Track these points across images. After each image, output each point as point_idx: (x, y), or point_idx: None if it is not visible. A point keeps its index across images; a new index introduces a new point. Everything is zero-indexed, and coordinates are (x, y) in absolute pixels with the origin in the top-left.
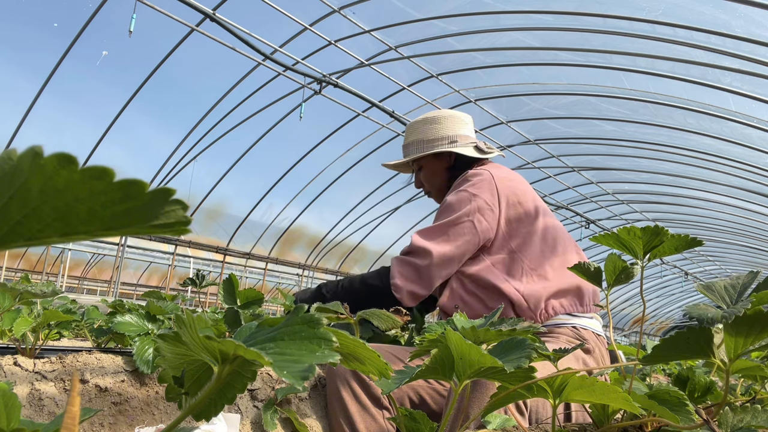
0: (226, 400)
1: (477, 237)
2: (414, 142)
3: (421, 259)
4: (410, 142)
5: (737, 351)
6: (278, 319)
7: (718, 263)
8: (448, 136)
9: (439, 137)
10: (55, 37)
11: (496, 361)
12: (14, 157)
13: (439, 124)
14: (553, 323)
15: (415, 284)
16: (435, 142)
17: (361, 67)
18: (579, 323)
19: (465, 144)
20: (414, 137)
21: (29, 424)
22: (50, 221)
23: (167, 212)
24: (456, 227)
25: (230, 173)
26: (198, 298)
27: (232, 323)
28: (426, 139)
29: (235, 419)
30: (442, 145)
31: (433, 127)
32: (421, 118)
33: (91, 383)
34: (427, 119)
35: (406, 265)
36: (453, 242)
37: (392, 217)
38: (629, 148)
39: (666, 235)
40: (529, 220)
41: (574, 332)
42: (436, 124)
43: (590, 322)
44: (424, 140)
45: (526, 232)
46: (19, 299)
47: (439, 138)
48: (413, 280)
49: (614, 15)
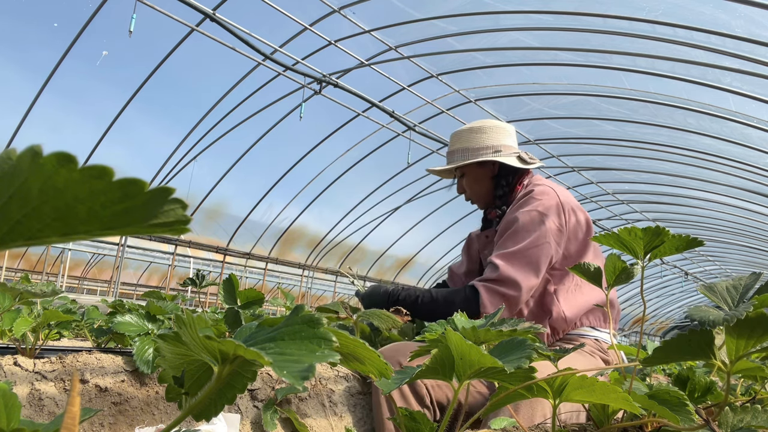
0: (226, 400)
1: (551, 259)
2: (459, 150)
3: (512, 290)
4: (455, 149)
5: (738, 353)
6: (278, 319)
7: (718, 263)
8: (492, 145)
9: (484, 146)
10: (56, 37)
11: (497, 361)
12: (14, 156)
13: (485, 133)
14: (577, 333)
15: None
16: (480, 151)
17: (361, 67)
18: (601, 336)
19: (509, 154)
20: (459, 145)
21: (29, 424)
22: (50, 221)
23: (166, 211)
24: (536, 250)
25: (230, 173)
26: (198, 298)
27: (233, 323)
28: (471, 147)
29: (235, 419)
30: (486, 154)
31: (479, 136)
32: (467, 127)
33: (91, 383)
34: (472, 128)
35: (497, 296)
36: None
37: (392, 217)
38: (629, 148)
39: (667, 235)
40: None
41: (596, 344)
42: (482, 133)
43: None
44: (469, 148)
45: (579, 251)
46: (19, 299)
47: (483, 147)
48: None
49: (614, 15)
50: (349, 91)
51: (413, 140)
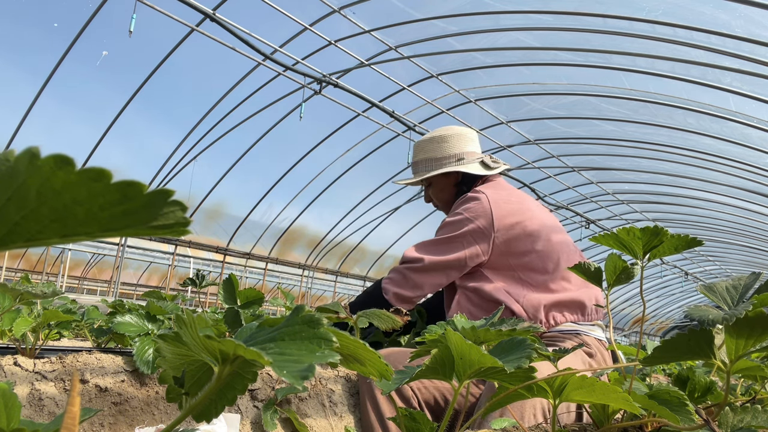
0: (227, 401)
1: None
2: (423, 160)
3: (410, 264)
4: (419, 160)
5: (738, 352)
6: (278, 319)
7: (718, 263)
8: (455, 154)
9: (447, 155)
10: (55, 38)
11: (496, 361)
12: (12, 158)
13: (446, 142)
14: (558, 330)
15: (402, 287)
16: (443, 161)
17: (361, 67)
18: (582, 330)
19: (472, 160)
20: (422, 155)
21: (29, 424)
22: (48, 223)
23: (166, 213)
24: (448, 245)
25: (230, 173)
26: (198, 298)
27: (233, 323)
28: (434, 157)
29: (235, 419)
30: (450, 164)
31: (441, 145)
32: (429, 137)
33: (91, 383)
34: (434, 138)
35: (396, 272)
36: (443, 254)
37: (392, 217)
38: (629, 148)
39: (665, 235)
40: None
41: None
42: (443, 142)
43: (592, 329)
44: (432, 159)
45: (526, 251)
46: (19, 299)
47: (446, 156)
48: (400, 284)
49: (614, 15)
50: (349, 91)
51: (413, 140)
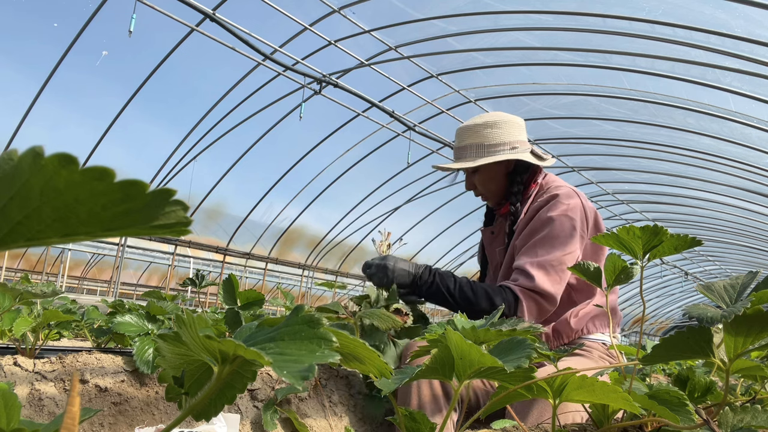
0: (226, 400)
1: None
2: (472, 145)
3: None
4: (467, 144)
5: (737, 350)
6: (278, 319)
7: (718, 263)
8: (509, 141)
9: (500, 142)
10: (55, 37)
11: (497, 360)
12: (15, 157)
13: (500, 128)
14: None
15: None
16: (496, 148)
17: (361, 67)
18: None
19: (525, 150)
20: (472, 140)
21: (29, 424)
22: (50, 222)
23: (167, 213)
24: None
25: (230, 173)
26: (198, 298)
27: (233, 323)
28: (486, 143)
29: (235, 419)
30: (504, 152)
31: (493, 131)
32: (481, 121)
33: (91, 383)
34: (487, 123)
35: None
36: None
37: (392, 217)
38: (629, 148)
39: (665, 234)
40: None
41: (604, 348)
42: (497, 128)
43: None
44: (484, 145)
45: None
46: (19, 299)
47: (500, 143)
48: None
49: (614, 15)
50: (349, 91)
51: (413, 140)
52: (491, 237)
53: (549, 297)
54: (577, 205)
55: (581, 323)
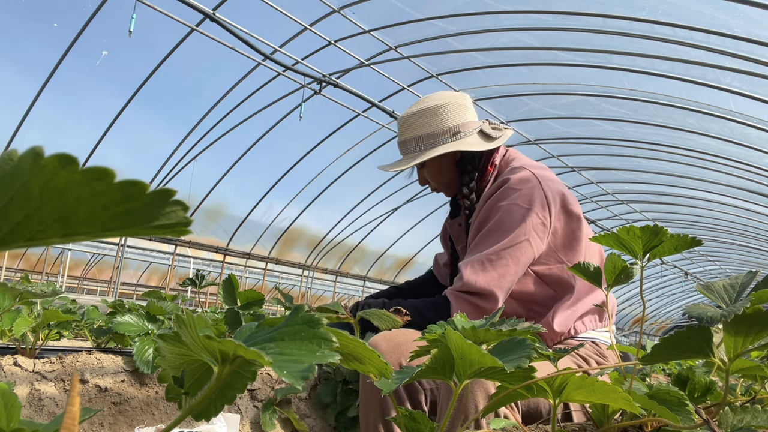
0: (226, 400)
1: (532, 258)
2: (411, 139)
3: (485, 302)
4: (407, 139)
5: (737, 350)
6: (278, 319)
7: (718, 263)
8: (449, 127)
9: (439, 130)
10: (55, 37)
11: (497, 360)
12: (15, 157)
13: (437, 114)
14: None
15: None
16: (435, 138)
17: (361, 67)
18: (598, 338)
19: (469, 132)
20: (410, 133)
21: (29, 424)
22: (50, 222)
23: (168, 213)
24: (513, 250)
25: (230, 173)
26: (198, 298)
27: (233, 323)
28: (425, 134)
29: (235, 419)
30: (445, 140)
31: (430, 119)
32: (416, 109)
33: (91, 383)
34: (421, 111)
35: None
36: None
37: (392, 217)
38: (629, 148)
39: (665, 234)
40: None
41: (595, 348)
42: (433, 115)
43: (607, 336)
44: (423, 136)
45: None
46: (19, 299)
47: (439, 131)
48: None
49: (614, 15)
50: (349, 91)
51: None
52: (459, 230)
53: (485, 295)
54: (531, 189)
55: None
